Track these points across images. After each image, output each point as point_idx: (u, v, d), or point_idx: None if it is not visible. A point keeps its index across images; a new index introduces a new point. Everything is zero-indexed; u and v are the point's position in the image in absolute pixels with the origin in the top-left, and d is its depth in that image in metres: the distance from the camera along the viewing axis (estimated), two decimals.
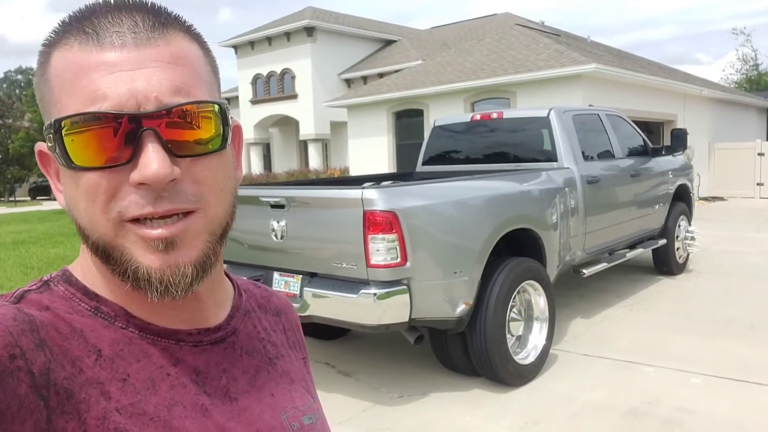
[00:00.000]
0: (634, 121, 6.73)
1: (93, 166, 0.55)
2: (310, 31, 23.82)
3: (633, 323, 5.25)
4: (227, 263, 4.36)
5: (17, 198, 33.96)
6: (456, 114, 10.01)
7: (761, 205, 14.94)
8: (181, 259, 0.57)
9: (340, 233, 3.58)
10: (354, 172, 16.53)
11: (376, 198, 3.42)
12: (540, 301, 4.25)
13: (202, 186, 0.58)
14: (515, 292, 4.00)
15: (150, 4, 0.59)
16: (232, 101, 29.01)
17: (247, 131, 26.41)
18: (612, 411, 3.58)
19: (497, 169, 5.22)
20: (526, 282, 4.11)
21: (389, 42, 26.14)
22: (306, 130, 24.32)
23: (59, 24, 0.58)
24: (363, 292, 3.43)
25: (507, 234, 4.05)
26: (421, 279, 3.51)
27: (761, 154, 16.63)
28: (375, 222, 3.39)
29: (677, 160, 7.06)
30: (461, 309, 3.69)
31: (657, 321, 5.28)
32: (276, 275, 3.96)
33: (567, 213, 4.76)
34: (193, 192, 0.57)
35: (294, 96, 24.54)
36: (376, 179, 5.48)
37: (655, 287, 6.51)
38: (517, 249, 4.30)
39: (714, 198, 16.64)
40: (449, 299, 3.65)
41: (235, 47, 26.67)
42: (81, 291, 0.61)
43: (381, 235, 3.38)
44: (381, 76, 21.70)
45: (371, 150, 16.24)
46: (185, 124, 0.56)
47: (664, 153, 6.56)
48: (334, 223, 3.62)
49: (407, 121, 15.73)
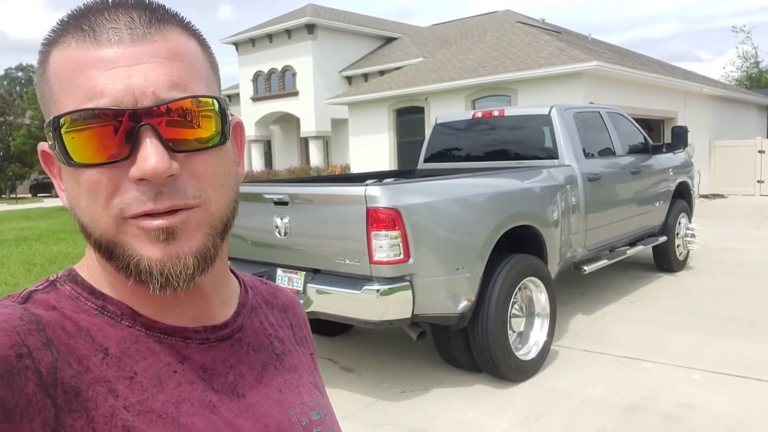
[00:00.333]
0: (634, 119, 6.75)
1: (92, 162, 0.55)
2: (310, 29, 23.83)
3: (633, 320, 5.28)
4: (232, 260, 4.39)
5: (18, 195, 34.00)
6: (458, 111, 10.03)
7: (761, 203, 14.95)
8: (182, 250, 0.57)
9: (343, 230, 3.61)
10: (355, 169, 16.54)
11: (379, 195, 3.45)
12: (541, 298, 4.28)
13: (202, 181, 0.58)
14: (517, 288, 4.03)
15: (147, 0, 0.59)
16: (233, 98, 29.07)
17: (248, 128, 26.43)
18: (612, 406, 3.61)
19: (499, 167, 5.24)
20: (527, 278, 4.14)
21: (390, 39, 26.15)
22: (307, 127, 24.34)
23: (57, 23, 0.58)
24: (366, 288, 3.46)
25: (509, 231, 4.08)
26: (424, 275, 3.54)
27: (762, 151, 16.64)
28: (378, 219, 3.42)
29: (678, 157, 7.08)
30: (463, 305, 3.72)
31: (657, 318, 5.30)
32: (279, 272, 3.99)
33: (568, 210, 4.79)
34: (193, 188, 0.57)
35: (295, 93, 24.56)
36: (378, 176, 5.50)
37: (656, 284, 6.54)
38: (519, 246, 4.34)
39: (714, 195, 16.65)
40: (451, 295, 3.68)
41: (236, 44, 26.67)
42: (87, 290, 0.62)
43: (384, 232, 3.41)
44: (382, 73, 21.71)
45: (372, 147, 16.25)
46: (185, 122, 0.56)
47: (664, 150, 6.58)
48: (337, 220, 3.64)
49: (408, 119, 15.74)
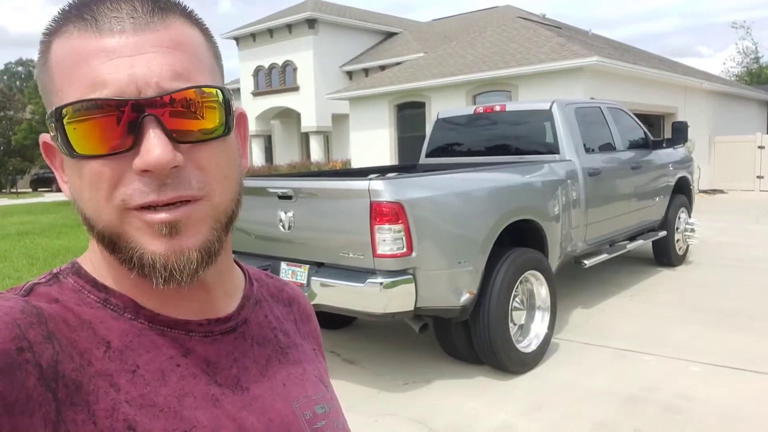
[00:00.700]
0: (635, 114, 6.78)
1: (95, 154, 0.54)
2: (311, 23, 23.81)
3: (633, 313, 5.33)
4: (236, 253, 4.43)
5: (19, 190, 34.04)
6: (459, 107, 10.06)
7: (761, 198, 15.00)
8: (186, 244, 0.56)
9: (347, 224, 3.65)
10: (356, 164, 16.56)
11: (382, 189, 3.49)
12: (542, 291, 4.33)
13: (206, 173, 0.57)
14: (518, 281, 4.08)
15: None
16: (233, 93, 28.95)
17: (249, 123, 26.22)
18: (612, 397, 3.66)
19: (500, 162, 5.28)
20: (528, 272, 4.19)
21: (391, 34, 26.13)
22: (308, 122, 24.35)
23: (59, 13, 0.58)
24: (369, 281, 3.51)
25: (510, 225, 4.12)
26: (427, 269, 3.58)
27: (761, 147, 16.66)
28: (381, 213, 3.46)
29: (678, 152, 7.12)
30: (465, 298, 3.77)
31: (657, 311, 5.35)
32: (283, 265, 4.04)
33: (569, 204, 4.83)
34: (197, 179, 0.57)
35: (296, 88, 24.56)
36: (380, 171, 5.54)
37: (655, 278, 6.58)
38: (520, 240, 4.38)
39: (714, 191, 16.69)
40: (453, 288, 3.73)
41: (237, 39, 26.64)
42: (90, 283, 0.61)
43: (387, 226, 3.46)
44: (382, 68, 21.71)
45: (373, 142, 16.28)
46: (189, 113, 0.56)
47: (664, 146, 6.63)
48: (341, 214, 3.69)
49: (409, 114, 15.76)
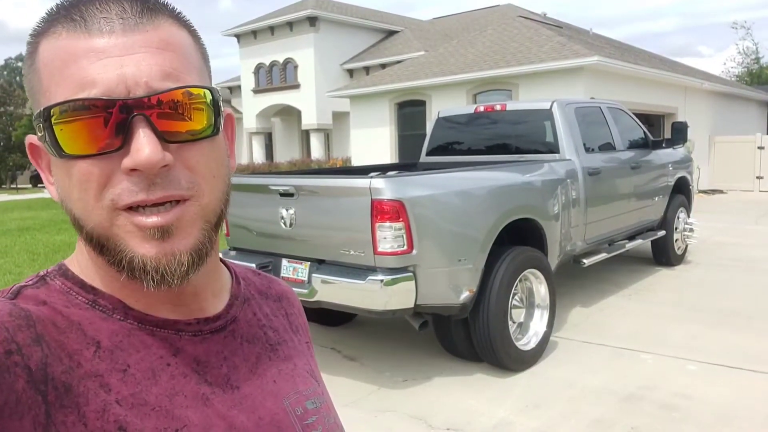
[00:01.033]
0: (635, 114, 6.80)
1: (84, 154, 0.54)
2: (312, 21, 23.81)
3: (632, 312, 5.36)
4: (237, 250, 4.46)
5: (19, 185, 34.05)
6: (460, 105, 10.08)
7: (761, 198, 15.03)
8: (177, 247, 0.56)
9: (348, 221, 3.68)
10: (356, 162, 16.58)
11: (383, 187, 3.52)
12: (541, 289, 4.36)
13: (195, 173, 0.57)
14: (517, 280, 4.10)
15: None
16: (234, 90, 29.06)
17: (250, 121, 26.46)
18: (610, 395, 3.69)
19: (500, 161, 5.30)
20: (527, 270, 4.21)
21: (391, 32, 26.13)
22: (308, 119, 24.37)
23: (46, 13, 0.57)
24: (370, 278, 3.54)
25: (510, 223, 4.15)
26: (427, 266, 3.61)
27: (761, 147, 16.69)
28: (382, 210, 3.49)
29: (677, 152, 7.14)
30: (465, 296, 3.79)
31: (655, 310, 5.38)
32: (284, 262, 4.06)
33: (568, 204, 4.86)
34: (187, 179, 0.57)
35: (296, 86, 24.56)
36: (381, 169, 5.56)
37: (654, 278, 6.61)
38: (520, 238, 4.41)
39: (714, 191, 16.72)
40: (453, 286, 3.75)
41: (238, 36, 26.63)
42: (78, 284, 0.61)
43: (388, 224, 3.48)
44: (383, 66, 21.72)
45: (373, 140, 16.29)
46: (177, 115, 0.56)
47: (664, 145, 6.65)
48: (342, 212, 3.71)
49: (409, 112, 15.78)
